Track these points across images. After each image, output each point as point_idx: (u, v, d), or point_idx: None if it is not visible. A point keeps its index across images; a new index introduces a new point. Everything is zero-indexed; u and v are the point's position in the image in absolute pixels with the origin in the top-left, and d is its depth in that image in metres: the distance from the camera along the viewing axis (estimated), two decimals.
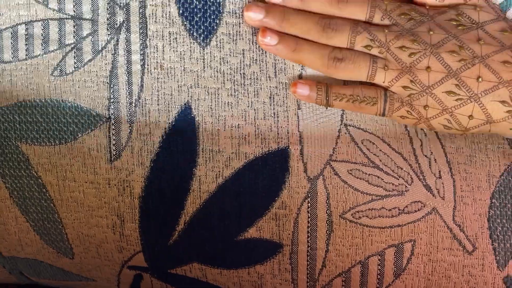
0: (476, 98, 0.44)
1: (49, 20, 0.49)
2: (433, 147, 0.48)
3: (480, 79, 0.44)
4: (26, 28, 0.50)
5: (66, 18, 0.49)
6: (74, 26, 0.49)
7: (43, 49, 0.50)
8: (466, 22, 0.45)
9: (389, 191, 0.48)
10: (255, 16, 0.47)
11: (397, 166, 0.48)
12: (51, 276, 0.56)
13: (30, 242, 0.53)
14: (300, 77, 0.48)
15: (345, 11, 0.46)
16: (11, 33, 0.50)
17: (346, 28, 0.46)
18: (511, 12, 0.47)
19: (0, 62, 0.50)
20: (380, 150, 0.48)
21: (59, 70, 0.50)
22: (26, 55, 0.50)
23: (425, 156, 0.48)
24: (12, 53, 0.50)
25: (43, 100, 0.50)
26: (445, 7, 0.46)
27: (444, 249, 0.49)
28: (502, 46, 0.44)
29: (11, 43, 0.50)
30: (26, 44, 0.50)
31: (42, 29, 0.49)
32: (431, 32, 0.45)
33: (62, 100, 0.50)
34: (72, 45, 0.49)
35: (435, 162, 0.48)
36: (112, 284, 0.55)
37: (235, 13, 0.48)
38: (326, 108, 0.48)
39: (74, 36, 0.49)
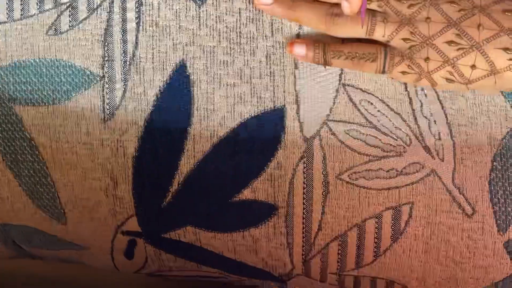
0: (478, 46, 0.43)
1: None
2: (433, 108, 0.47)
3: (481, 28, 0.43)
4: None
5: None
6: None
7: (38, 9, 0.49)
8: None
9: (387, 152, 0.47)
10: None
11: (396, 127, 0.47)
12: (44, 245, 0.55)
13: (23, 207, 0.53)
14: (298, 36, 0.48)
15: None
16: None
17: None
18: None
19: None
20: (378, 111, 0.48)
21: (53, 29, 0.49)
22: (21, 15, 0.49)
23: (425, 117, 0.47)
24: (7, 13, 0.50)
25: (37, 60, 0.50)
26: None
27: (443, 211, 0.48)
28: None
29: (6, 3, 0.50)
30: (21, 4, 0.49)
31: None
32: None
33: (56, 59, 0.49)
34: (67, 4, 0.49)
35: (435, 123, 0.47)
36: (105, 252, 0.54)
37: None
38: (325, 67, 0.47)
39: None
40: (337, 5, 0.46)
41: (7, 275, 0.64)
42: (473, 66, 0.44)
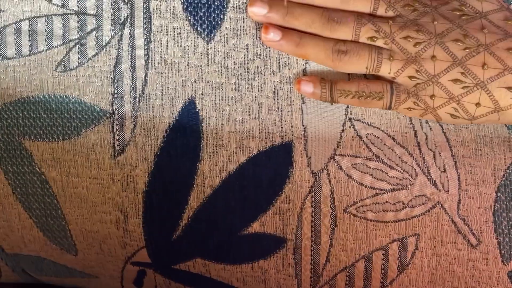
0: (483, 85, 0.44)
1: (53, 16, 0.49)
2: (438, 140, 0.48)
3: (485, 67, 0.44)
4: (30, 24, 0.50)
5: (70, 14, 0.49)
6: (78, 22, 0.49)
7: (46, 45, 0.50)
8: (470, 12, 0.46)
9: (393, 185, 0.48)
10: (258, 11, 0.47)
11: (402, 160, 0.48)
12: (53, 274, 0.56)
13: (33, 239, 0.53)
14: (305, 71, 0.48)
15: (349, 4, 0.47)
16: (15, 29, 0.50)
17: (351, 19, 0.46)
18: None
19: (4, 59, 0.50)
20: (384, 144, 0.48)
21: (62, 66, 0.50)
22: (30, 51, 0.50)
23: (430, 149, 0.48)
24: (15, 49, 0.50)
25: (46, 96, 0.50)
26: None
27: (448, 243, 0.49)
28: (506, 34, 0.44)
29: (15, 39, 0.50)
30: (29, 40, 0.50)
31: (46, 25, 0.50)
32: (435, 22, 0.45)
33: (65, 96, 0.50)
34: (76, 41, 0.49)
35: (440, 155, 0.48)
36: (115, 281, 0.55)
37: (239, 8, 0.48)
38: (331, 104, 0.48)
39: (78, 32, 0.49)
40: (343, 41, 0.47)
41: None
42: (477, 104, 0.45)
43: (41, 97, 0.50)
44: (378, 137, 0.49)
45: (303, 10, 0.47)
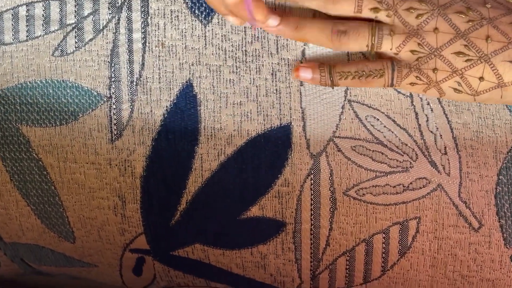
0: (486, 58, 0.44)
1: (50, 1, 0.49)
2: (439, 122, 0.48)
3: (489, 40, 0.43)
4: (27, 9, 0.50)
5: None
6: (75, 6, 0.49)
7: (44, 30, 0.49)
8: None
9: (394, 167, 0.48)
10: None
11: (402, 142, 0.48)
12: (52, 263, 0.56)
13: (31, 226, 0.53)
14: (303, 53, 0.48)
15: None
16: (12, 14, 0.50)
17: None
18: None
19: (1, 44, 0.50)
20: (384, 126, 0.48)
21: (60, 50, 0.49)
22: (27, 36, 0.50)
23: (431, 131, 0.48)
24: (13, 34, 0.50)
25: (43, 81, 0.50)
26: None
27: (449, 226, 0.48)
28: (508, 9, 0.44)
29: (12, 24, 0.50)
30: (27, 25, 0.50)
31: (43, 10, 0.49)
32: None
33: (63, 80, 0.50)
34: (73, 25, 0.49)
35: (441, 138, 0.48)
36: (114, 269, 0.54)
37: None
38: (332, 88, 0.48)
39: (75, 16, 0.49)
40: (341, 21, 0.46)
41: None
42: (481, 78, 0.44)
43: (38, 82, 0.50)
44: (378, 119, 0.48)
45: None
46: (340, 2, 0.45)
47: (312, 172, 0.48)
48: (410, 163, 0.48)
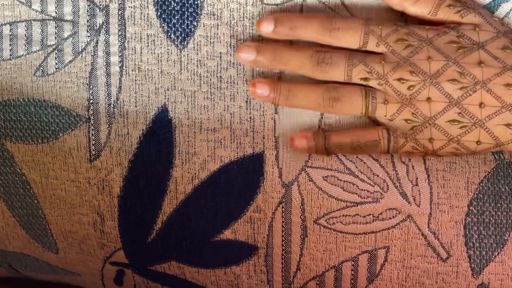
0: (481, 123, 0.43)
1: (32, 21, 0.50)
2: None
3: (482, 105, 0.43)
4: (11, 29, 0.50)
5: (48, 19, 0.50)
6: (55, 27, 0.50)
7: (26, 50, 0.50)
8: (467, 44, 0.44)
9: (364, 198, 0.48)
10: (246, 56, 0.46)
11: (373, 173, 0.48)
12: (38, 270, 0.58)
13: (17, 236, 0.55)
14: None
15: (337, 38, 0.45)
16: None
17: (341, 61, 0.45)
18: (500, 10, 0.46)
19: None
20: (356, 157, 0.48)
21: (41, 71, 0.50)
22: (10, 55, 0.51)
23: (403, 163, 0.48)
24: None
25: (26, 100, 0.51)
26: (446, 28, 0.45)
27: (418, 256, 0.49)
28: (504, 66, 0.43)
29: None
30: (10, 44, 0.51)
31: (26, 30, 0.50)
32: (430, 60, 0.44)
33: (44, 100, 0.51)
34: (54, 46, 0.50)
35: (413, 169, 0.48)
36: (96, 279, 0.56)
37: (213, 15, 0.48)
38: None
39: (55, 37, 0.50)
40: (334, 86, 0.46)
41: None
42: (478, 142, 0.44)
43: (21, 100, 0.51)
44: None
45: (291, 54, 0.46)
46: (328, 72, 0.45)
47: (284, 200, 0.49)
48: (381, 194, 0.48)
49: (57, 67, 0.50)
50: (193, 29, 0.48)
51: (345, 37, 0.45)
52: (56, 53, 0.50)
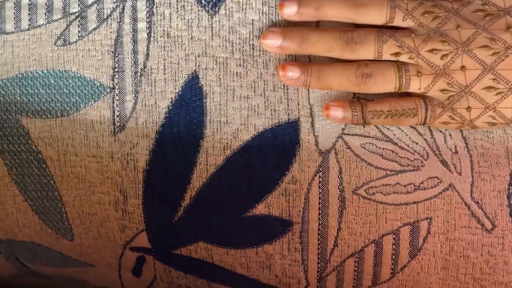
0: None
1: None
2: None
3: None
4: None
5: None
6: None
7: (46, 19, 0.48)
8: (493, 10, 0.44)
9: (404, 166, 0.46)
10: (272, 42, 0.45)
11: (412, 141, 0.46)
12: (48, 262, 0.54)
13: (28, 223, 0.51)
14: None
15: (363, 14, 0.44)
16: (14, 3, 0.48)
17: (371, 38, 0.44)
18: None
19: (2, 33, 0.49)
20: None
21: (62, 40, 0.48)
22: (29, 25, 0.48)
23: (440, 131, 0.46)
24: (14, 23, 0.48)
25: (45, 71, 0.48)
26: None
27: (462, 227, 0.46)
28: None
29: (14, 13, 0.48)
30: (29, 14, 0.48)
31: None
32: (460, 28, 0.43)
33: (64, 71, 0.48)
34: (77, 14, 0.48)
35: (450, 137, 0.46)
36: (112, 269, 0.53)
37: None
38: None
39: (79, 5, 0.48)
40: (365, 63, 0.45)
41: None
42: None
43: (40, 72, 0.48)
44: None
45: (319, 35, 0.44)
46: (358, 51, 0.44)
47: (321, 169, 0.47)
48: (421, 161, 0.46)
49: (80, 35, 0.48)
50: None
51: (371, 13, 0.44)
52: (79, 21, 0.48)
